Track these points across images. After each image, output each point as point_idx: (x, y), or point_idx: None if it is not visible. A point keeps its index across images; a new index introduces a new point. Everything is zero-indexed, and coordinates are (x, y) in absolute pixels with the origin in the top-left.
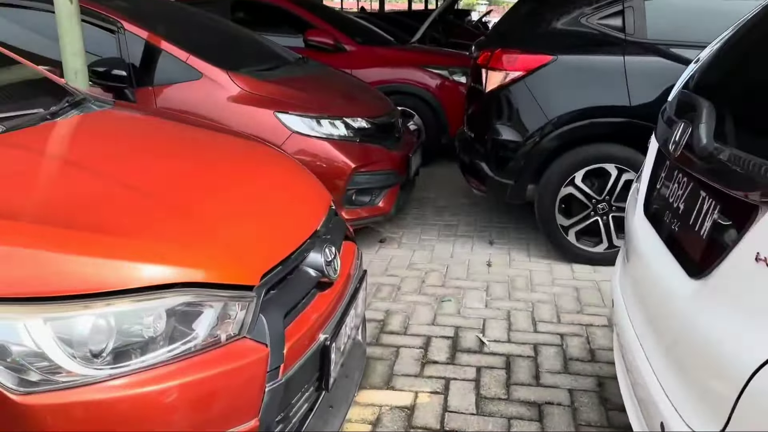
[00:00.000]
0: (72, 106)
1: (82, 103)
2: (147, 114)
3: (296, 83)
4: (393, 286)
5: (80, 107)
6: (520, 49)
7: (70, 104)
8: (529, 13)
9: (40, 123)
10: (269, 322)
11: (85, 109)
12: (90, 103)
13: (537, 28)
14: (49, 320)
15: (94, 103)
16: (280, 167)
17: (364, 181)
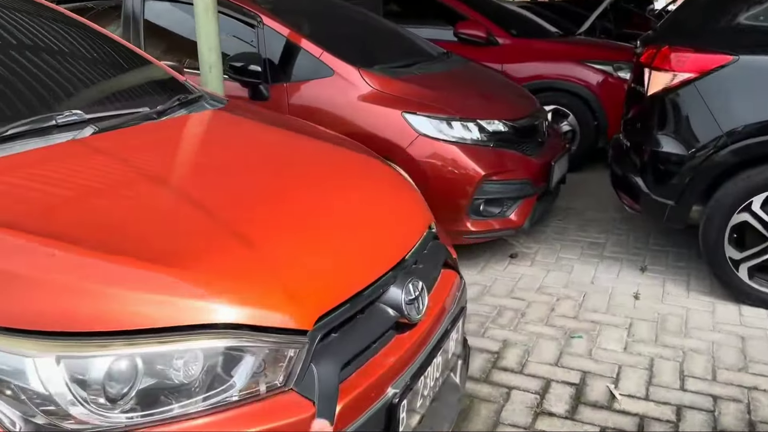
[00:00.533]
0: (183, 105)
1: (195, 102)
2: (253, 117)
3: (432, 81)
4: (516, 311)
5: (191, 106)
6: (693, 47)
7: (181, 103)
8: (709, 4)
9: (139, 123)
10: (321, 373)
11: (196, 108)
12: (204, 102)
13: (716, 22)
14: (63, 359)
15: (207, 102)
16: (377, 183)
17: (495, 190)
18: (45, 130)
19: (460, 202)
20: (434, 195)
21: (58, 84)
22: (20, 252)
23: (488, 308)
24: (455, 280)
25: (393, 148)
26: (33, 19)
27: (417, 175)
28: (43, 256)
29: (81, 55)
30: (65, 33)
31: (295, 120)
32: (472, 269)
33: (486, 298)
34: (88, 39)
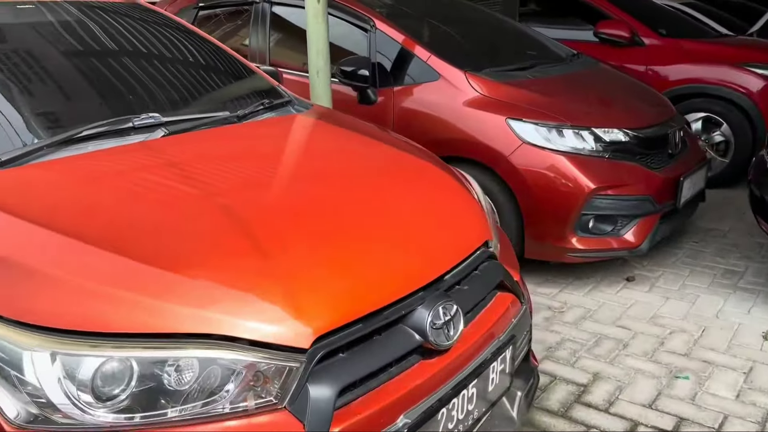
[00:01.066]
0: (267, 109)
1: (281, 107)
2: (328, 122)
3: (547, 85)
4: (618, 342)
5: (277, 110)
6: None
7: (266, 107)
8: None
9: (215, 126)
10: (316, 395)
11: (280, 112)
12: (290, 107)
13: None
14: (58, 355)
15: (294, 107)
16: (428, 196)
17: (607, 206)
18: (122, 131)
19: (564, 217)
20: (536, 207)
21: (145, 87)
22: (34, 248)
23: (586, 335)
24: (510, 305)
25: (495, 156)
26: (130, 22)
27: (518, 186)
28: (54, 253)
29: (174, 59)
30: (161, 36)
31: (370, 126)
32: (577, 290)
33: (586, 323)
34: (184, 43)
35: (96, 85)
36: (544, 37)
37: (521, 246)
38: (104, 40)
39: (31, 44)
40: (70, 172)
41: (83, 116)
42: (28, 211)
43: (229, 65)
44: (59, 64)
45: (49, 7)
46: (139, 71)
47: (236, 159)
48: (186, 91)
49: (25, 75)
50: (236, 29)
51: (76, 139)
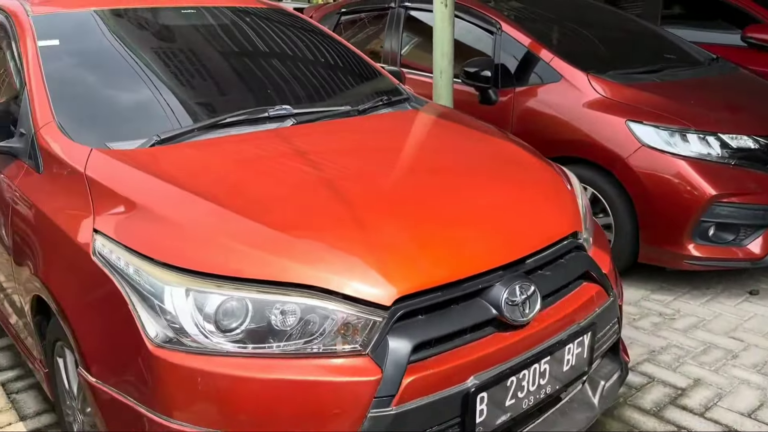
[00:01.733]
0: (386, 104)
1: (399, 103)
2: (439, 118)
3: (675, 89)
4: (727, 351)
5: (392, 106)
6: None
7: (385, 103)
8: None
9: (338, 118)
10: (393, 347)
11: (397, 108)
12: (407, 103)
13: None
14: (191, 291)
15: (410, 103)
16: (522, 186)
17: (728, 213)
18: (258, 119)
19: (682, 223)
20: (653, 211)
21: (280, 83)
22: (181, 208)
23: (694, 343)
24: (595, 295)
25: (613, 158)
26: (273, 25)
27: (635, 188)
28: (195, 212)
29: (306, 58)
30: (298, 38)
31: (478, 122)
32: (694, 299)
33: (697, 332)
34: (317, 44)
35: (240, 79)
36: (680, 40)
37: (635, 250)
38: (249, 41)
39: (190, 43)
40: (214, 151)
41: (228, 105)
42: (179, 179)
43: (355, 65)
44: (211, 60)
45: (208, 11)
46: (277, 69)
47: (351, 147)
48: (315, 87)
49: (183, 68)
50: (373, 32)
51: (221, 125)
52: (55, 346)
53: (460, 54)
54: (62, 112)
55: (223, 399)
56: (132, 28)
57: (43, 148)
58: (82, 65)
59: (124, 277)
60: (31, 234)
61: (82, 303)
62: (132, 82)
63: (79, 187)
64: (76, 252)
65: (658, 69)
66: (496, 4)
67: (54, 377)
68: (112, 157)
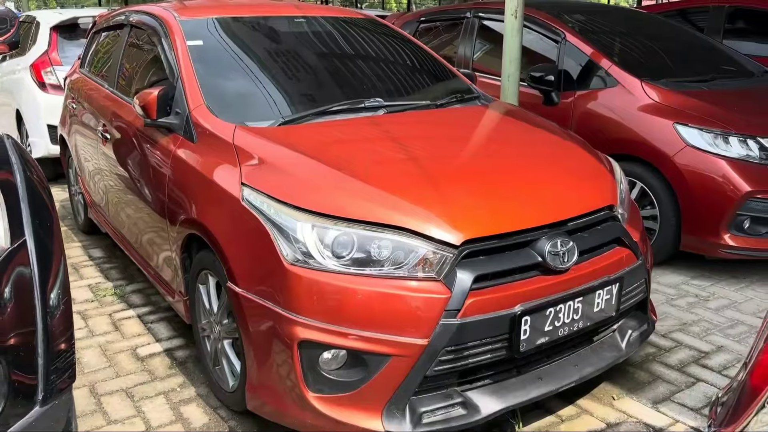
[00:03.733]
0: (459, 101)
1: (470, 100)
2: (504, 113)
3: (722, 96)
4: (752, 327)
5: (465, 102)
6: None
7: (458, 99)
8: None
9: (420, 110)
10: (459, 276)
11: (468, 104)
12: (477, 101)
13: None
14: (315, 227)
15: (479, 101)
16: (570, 166)
17: (762, 208)
18: (357, 108)
19: (719, 215)
20: (694, 204)
21: (373, 80)
22: (307, 169)
23: (723, 320)
24: (624, 256)
25: (660, 156)
26: (365, 32)
27: (678, 183)
28: (317, 172)
29: (393, 60)
30: (386, 43)
31: (538, 118)
32: (730, 286)
33: (727, 311)
34: (402, 49)
35: (342, 77)
36: (735, 53)
37: (678, 239)
38: (347, 45)
39: (302, 45)
40: (325, 131)
41: (333, 97)
42: (302, 148)
43: (434, 67)
44: (319, 60)
45: (316, 20)
46: (370, 69)
47: (430, 133)
48: (401, 84)
49: (298, 65)
50: (449, 39)
51: (329, 112)
52: (199, 275)
53: (526, 60)
54: (209, 97)
55: (337, 303)
56: (258, 33)
57: (198, 124)
58: (221, 61)
59: (266, 216)
60: (189, 187)
61: (233, 236)
62: (260, 76)
63: (229, 153)
64: (229, 199)
65: (710, 79)
66: (561, 15)
67: (193, 303)
68: (252, 133)
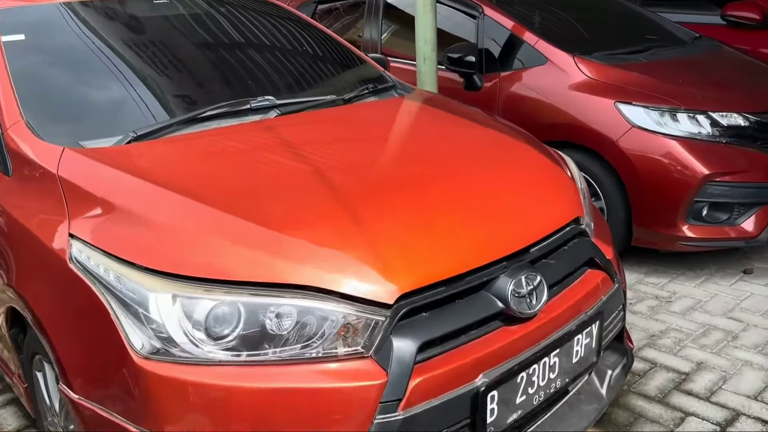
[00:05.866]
0: (372, 93)
1: (385, 91)
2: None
3: (661, 68)
4: (728, 333)
5: (378, 94)
6: None
7: (370, 91)
8: None
9: (323, 108)
10: (397, 347)
11: (384, 96)
12: (393, 91)
13: None
14: (178, 297)
15: (396, 91)
16: (518, 172)
17: (721, 193)
18: (240, 112)
19: (675, 204)
20: (645, 193)
21: (263, 73)
22: (162, 207)
23: (693, 326)
24: (600, 282)
25: (602, 141)
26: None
27: (626, 171)
28: (178, 212)
29: (289, 48)
30: (279, 28)
31: (469, 108)
32: (689, 281)
33: (695, 314)
34: (299, 33)
35: (220, 71)
36: (663, 20)
37: (628, 233)
38: (228, 31)
39: (164, 34)
40: (196, 146)
41: (208, 98)
42: (159, 177)
43: (339, 54)
44: (188, 52)
45: (181, 0)
46: (258, 59)
47: (339, 137)
48: (298, 77)
49: (158, 61)
50: (352, 21)
51: (200, 118)
52: (34, 360)
53: (443, 40)
54: (31, 111)
55: (218, 412)
56: (103, 21)
57: (12, 150)
58: (51, 61)
59: (104, 284)
60: (2, 241)
61: (60, 314)
62: (105, 77)
63: (52, 189)
64: (52, 259)
65: (643, 49)
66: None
67: (33, 393)
68: (86, 156)
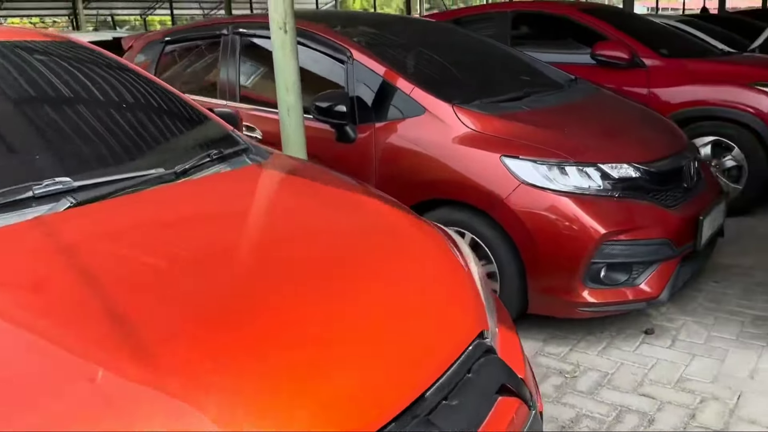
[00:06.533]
0: (217, 160)
1: (235, 156)
2: (285, 176)
3: (545, 116)
4: (643, 415)
5: (225, 162)
6: None
7: (214, 158)
8: None
9: (143, 189)
10: None
11: (233, 163)
12: (245, 157)
13: None
14: None
15: (249, 156)
16: (405, 278)
17: (620, 252)
18: (18, 203)
19: (572, 267)
20: (539, 257)
21: (57, 143)
22: None
23: (605, 408)
24: (515, 413)
25: (491, 199)
26: (50, 63)
27: (517, 232)
28: None
29: (98, 105)
30: (86, 79)
31: (339, 178)
32: (591, 347)
33: (604, 392)
34: (115, 85)
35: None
36: (539, 63)
37: (524, 300)
38: (15, 87)
39: None
40: None
41: None
42: None
43: (172, 110)
44: None
45: None
46: (53, 123)
47: (156, 236)
48: (111, 145)
49: None
50: (208, 64)
51: None
52: None
53: (311, 86)
54: None
55: None
56: None
57: None
58: None
59: None
60: None
61: None
62: None
63: None
64: None
65: (523, 95)
66: (344, 29)
67: None
68: None
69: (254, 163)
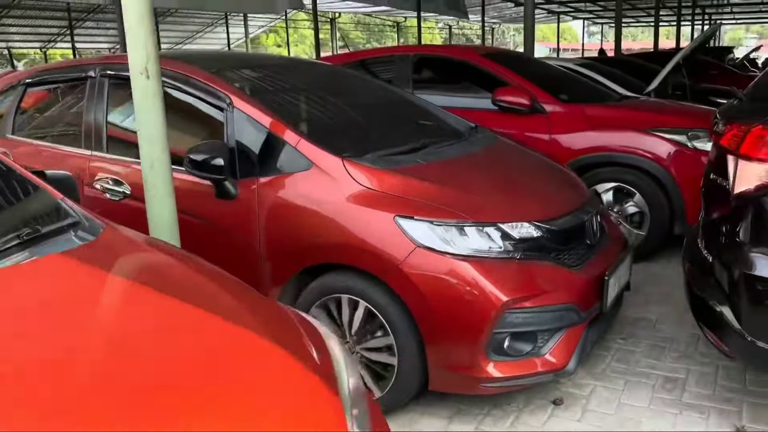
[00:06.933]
0: (36, 239)
1: (61, 234)
2: (133, 266)
3: (442, 170)
4: None
5: (50, 240)
6: None
7: (31, 238)
8: None
9: None
10: None
11: (57, 243)
12: (72, 235)
13: None
14: None
15: (79, 233)
16: (242, 405)
17: (523, 321)
18: None
19: (474, 339)
20: (438, 328)
21: None
22: None
23: None
24: None
25: (384, 264)
26: None
27: (414, 301)
28: None
29: None
30: None
31: (175, 264)
32: (498, 423)
33: None
34: None
35: None
36: (439, 110)
37: (424, 376)
38: None
39: None
40: None
41: None
42: None
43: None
44: None
45: None
46: None
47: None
48: None
49: None
50: (71, 109)
51: None
52: None
53: (186, 137)
54: None
55: None
56: None
57: None
58: None
59: None
60: None
61: None
62: None
63: None
64: None
65: (421, 146)
66: (222, 72)
67: None
68: None
69: (84, 242)
